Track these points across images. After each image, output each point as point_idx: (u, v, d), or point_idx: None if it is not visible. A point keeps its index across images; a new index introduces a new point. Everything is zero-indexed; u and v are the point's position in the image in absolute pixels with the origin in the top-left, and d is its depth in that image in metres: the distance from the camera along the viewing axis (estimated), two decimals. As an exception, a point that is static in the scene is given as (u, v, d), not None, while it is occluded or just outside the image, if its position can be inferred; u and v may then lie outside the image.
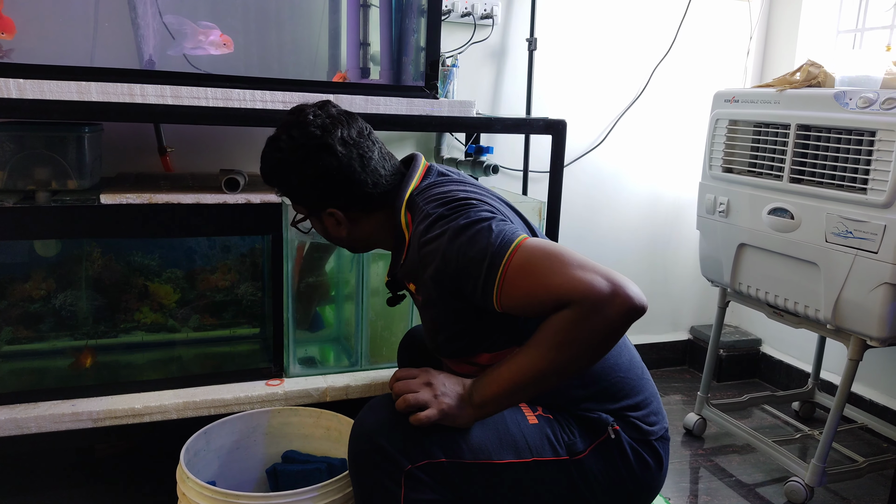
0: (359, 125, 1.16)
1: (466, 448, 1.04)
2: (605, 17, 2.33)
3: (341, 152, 1.11)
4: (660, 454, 1.16)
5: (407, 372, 1.10)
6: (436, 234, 1.05)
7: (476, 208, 1.06)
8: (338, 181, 1.13)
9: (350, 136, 1.13)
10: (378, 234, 1.21)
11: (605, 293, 0.92)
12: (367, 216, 1.19)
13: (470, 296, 1.03)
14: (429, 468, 1.02)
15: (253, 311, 1.69)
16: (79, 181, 1.47)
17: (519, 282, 0.97)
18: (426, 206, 1.10)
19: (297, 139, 1.11)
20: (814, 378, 2.23)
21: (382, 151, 1.18)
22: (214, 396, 1.52)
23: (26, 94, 1.34)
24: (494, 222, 1.02)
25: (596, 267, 0.95)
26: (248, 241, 1.65)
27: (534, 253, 0.98)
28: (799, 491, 1.75)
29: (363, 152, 1.14)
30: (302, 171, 1.13)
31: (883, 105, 1.51)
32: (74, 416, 1.43)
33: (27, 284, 1.51)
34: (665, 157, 2.51)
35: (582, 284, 0.93)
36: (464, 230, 1.02)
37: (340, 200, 1.16)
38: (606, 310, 0.92)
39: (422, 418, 1.02)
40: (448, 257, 1.02)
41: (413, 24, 1.74)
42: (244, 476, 1.46)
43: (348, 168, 1.12)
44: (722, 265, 1.95)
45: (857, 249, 1.56)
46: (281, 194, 1.21)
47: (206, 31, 1.58)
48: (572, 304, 0.93)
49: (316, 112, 1.14)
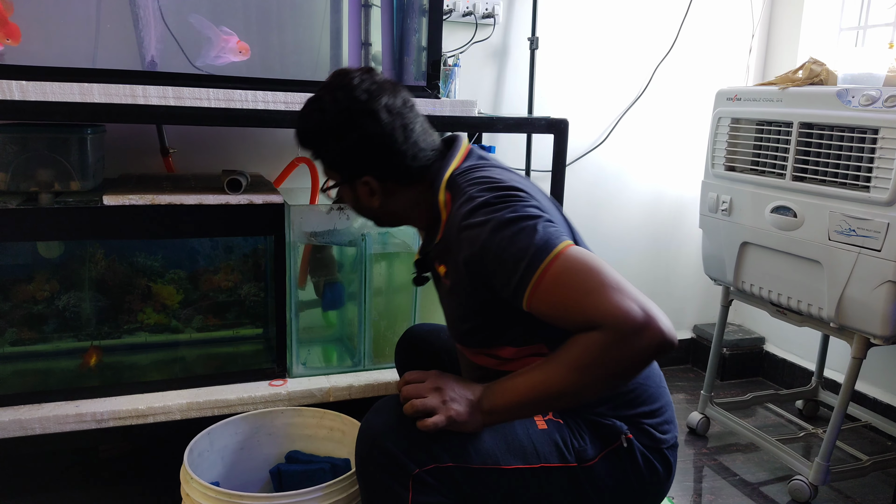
0: (403, 95, 1.12)
1: (474, 453, 1.03)
2: (606, 16, 2.32)
3: (385, 120, 1.07)
4: (670, 462, 1.15)
5: (416, 375, 1.08)
6: (479, 220, 1.01)
7: (523, 202, 1.02)
8: (378, 149, 1.09)
9: (394, 104, 1.09)
10: (411, 209, 1.17)
11: (639, 323, 0.90)
12: (402, 189, 1.14)
13: (500, 290, 1.01)
14: (436, 472, 1.01)
15: (256, 312, 1.69)
16: (81, 182, 1.47)
17: (553, 290, 0.95)
18: (469, 189, 1.07)
19: (341, 102, 1.08)
20: (817, 376, 2.22)
21: (424, 125, 1.15)
22: (218, 397, 1.52)
23: (29, 95, 1.35)
24: (541, 222, 0.99)
25: (633, 293, 0.93)
26: (250, 241, 1.65)
27: (573, 264, 0.95)
28: (803, 489, 1.74)
29: (406, 122, 1.10)
30: (343, 136, 1.09)
31: (886, 103, 1.51)
32: (78, 417, 1.43)
33: (31, 286, 1.51)
34: (667, 156, 2.50)
35: (617, 310, 0.90)
36: (508, 224, 0.99)
37: (378, 169, 1.12)
38: (636, 340, 0.90)
39: (429, 424, 1.01)
40: (487, 248, 0.99)
41: (414, 24, 1.74)
42: (248, 476, 1.46)
43: (390, 137, 1.08)
44: (725, 264, 1.95)
45: (860, 247, 1.56)
46: (315, 157, 1.16)
47: (227, 38, 1.58)
48: (603, 328, 0.91)
49: (362, 76, 1.10)
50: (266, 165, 1.95)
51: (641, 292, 0.94)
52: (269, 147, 1.96)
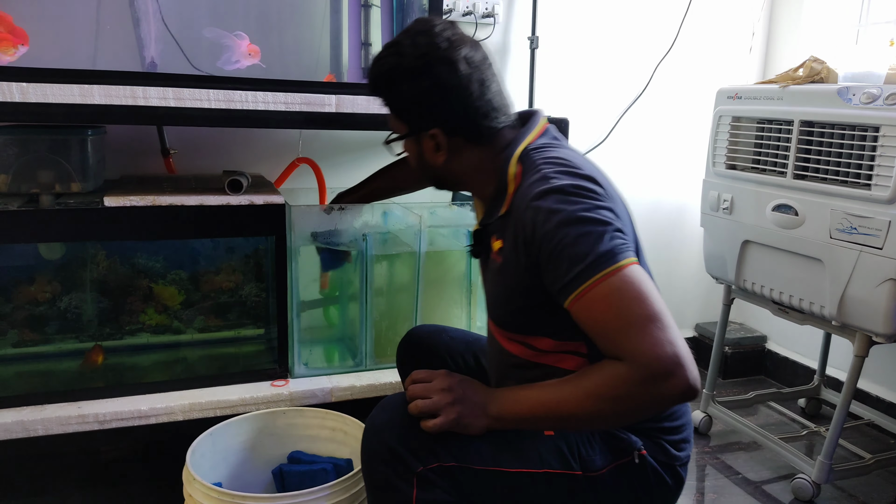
0: (483, 52, 1.09)
1: (476, 454, 1.03)
2: (606, 15, 2.32)
3: (463, 70, 1.04)
4: (681, 477, 1.14)
5: (425, 374, 1.07)
6: (548, 207, 0.97)
7: (598, 201, 0.98)
8: (452, 100, 1.06)
9: (474, 57, 1.06)
10: (474, 173, 1.13)
11: (667, 369, 0.88)
12: (468, 149, 1.11)
13: (547, 283, 0.99)
14: (439, 470, 1.01)
15: (257, 312, 1.69)
16: (82, 184, 1.47)
17: (598, 306, 0.93)
18: (545, 168, 1.03)
19: (420, 46, 1.04)
20: (820, 375, 2.22)
21: (500, 88, 1.11)
22: (220, 398, 1.52)
23: (29, 97, 1.35)
24: (609, 230, 0.95)
25: (671, 333, 0.90)
26: (251, 242, 1.66)
27: (625, 287, 0.92)
28: (806, 488, 1.74)
29: (483, 78, 1.07)
30: (418, 81, 1.05)
31: (886, 101, 1.51)
32: (81, 418, 1.43)
33: (32, 287, 1.52)
34: (668, 155, 2.50)
35: (650, 351, 0.89)
36: (577, 223, 0.95)
37: (448, 122, 1.08)
38: (660, 385, 0.89)
39: (430, 426, 1.01)
40: (548, 238, 0.96)
41: (414, 24, 1.74)
42: (250, 477, 1.46)
43: (465, 89, 1.05)
44: (726, 262, 1.95)
45: (861, 245, 1.56)
46: (384, 104, 1.12)
47: (239, 44, 1.58)
48: (632, 364, 0.90)
49: (445, 25, 1.07)
50: (267, 166, 1.95)
51: (677, 329, 0.92)
52: (269, 148, 1.96)
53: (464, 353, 1.39)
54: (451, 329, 1.45)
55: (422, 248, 1.71)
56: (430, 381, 1.06)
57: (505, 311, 1.12)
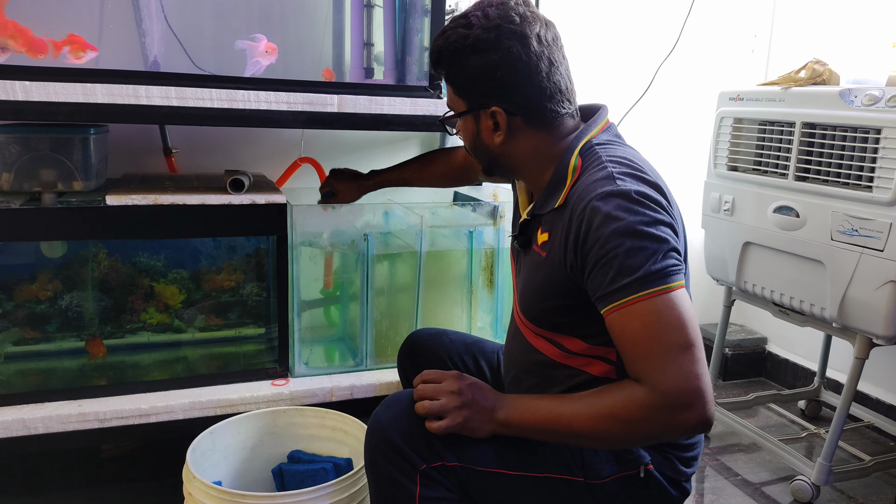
0: (555, 32, 1.05)
1: (479, 456, 1.03)
2: (608, 16, 2.32)
3: (534, 48, 1.00)
4: (686, 490, 1.13)
5: (436, 374, 1.06)
6: (608, 211, 0.93)
7: (661, 213, 0.95)
8: (520, 77, 1.01)
9: (546, 36, 1.02)
10: (531, 160, 1.09)
11: (686, 400, 0.88)
12: (528, 132, 1.06)
13: (589, 286, 0.97)
14: (443, 470, 1.01)
15: (258, 312, 1.70)
16: (84, 183, 1.47)
17: (635, 323, 0.91)
18: (611, 166, 0.99)
19: (492, 18, 1.00)
20: (820, 377, 2.22)
21: (569, 72, 1.07)
22: (220, 396, 1.53)
23: (32, 96, 1.35)
24: (666, 249, 0.93)
25: (699, 366, 0.89)
26: (253, 241, 1.66)
27: (669, 312, 0.90)
28: (805, 490, 1.74)
29: (553, 59, 1.03)
30: (487, 54, 1.00)
31: (888, 103, 1.51)
32: (81, 416, 1.43)
33: (34, 285, 1.52)
34: (670, 156, 2.50)
35: (674, 381, 0.88)
36: (636, 236, 0.92)
37: (511, 100, 1.04)
38: (676, 415, 0.89)
39: (435, 428, 1.00)
40: (601, 243, 0.93)
41: (417, 24, 1.74)
42: (250, 476, 1.46)
43: (535, 68, 1.01)
44: (727, 264, 1.95)
45: (862, 247, 1.56)
46: (445, 78, 1.08)
47: (255, 46, 1.58)
48: (653, 390, 0.90)
49: (518, 0, 1.03)
50: (268, 165, 1.95)
51: (706, 363, 0.91)
52: (271, 147, 1.96)
53: (463, 355, 1.39)
54: (450, 332, 1.45)
55: (423, 248, 1.72)
56: (440, 381, 1.05)
57: (539, 306, 1.09)
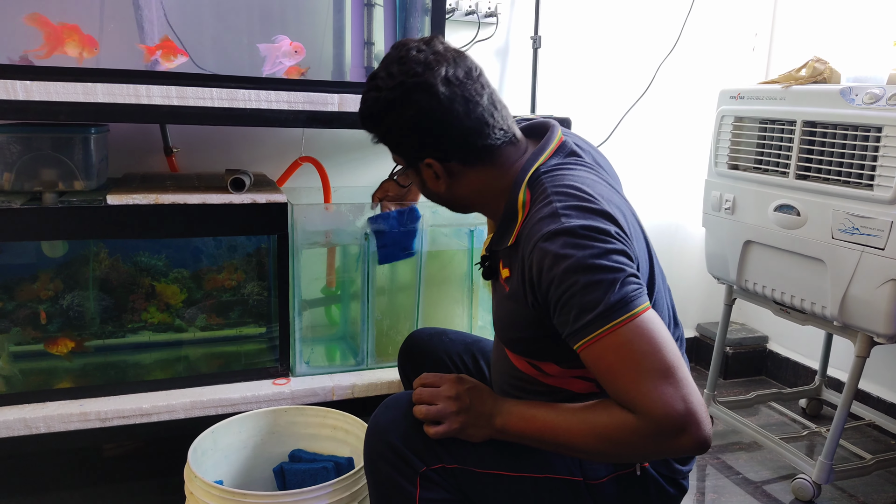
0: (468, 64, 1.02)
1: (478, 458, 1.03)
2: (609, 14, 2.32)
3: (443, 93, 0.98)
4: (684, 487, 1.14)
5: (434, 378, 1.06)
6: (556, 251, 0.91)
7: (611, 243, 0.92)
8: (436, 125, 1.00)
9: (455, 75, 0.99)
10: (482, 195, 1.08)
11: (678, 425, 0.86)
12: (469, 171, 1.05)
13: (556, 325, 0.95)
14: (443, 472, 1.01)
15: (259, 311, 1.70)
16: (85, 182, 1.47)
17: (608, 356, 0.90)
18: (556, 200, 0.97)
19: (396, 76, 0.99)
20: (821, 375, 2.22)
21: (494, 98, 1.03)
22: (221, 396, 1.53)
23: (33, 95, 1.35)
24: (622, 278, 0.90)
25: (684, 385, 0.87)
26: (253, 240, 1.66)
27: (641, 336, 0.89)
28: (806, 488, 1.74)
29: (469, 95, 1.00)
30: (399, 113, 1.00)
31: (889, 101, 1.51)
32: (83, 415, 1.43)
33: (35, 285, 1.52)
34: (670, 155, 2.50)
35: (661, 407, 0.86)
36: (587, 271, 0.90)
37: (439, 149, 1.02)
38: (671, 440, 0.87)
39: (433, 433, 1.00)
40: (556, 284, 0.92)
41: (417, 23, 1.74)
42: (251, 475, 1.47)
43: (449, 112, 0.99)
44: (728, 262, 1.95)
45: (863, 246, 1.56)
46: (377, 140, 1.08)
47: (277, 46, 1.58)
48: (641, 416, 0.87)
49: (420, 47, 1.01)
50: (269, 165, 1.95)
51: (692, 381, 0.89)
52: (272, 146, 1.96)
53: (463, 355, 1.39)
54: (450, 331, 1.45)
55: (423, 247, 1.72)
56: (438, 385, 1.05)
57: (510, 336, 1.10)
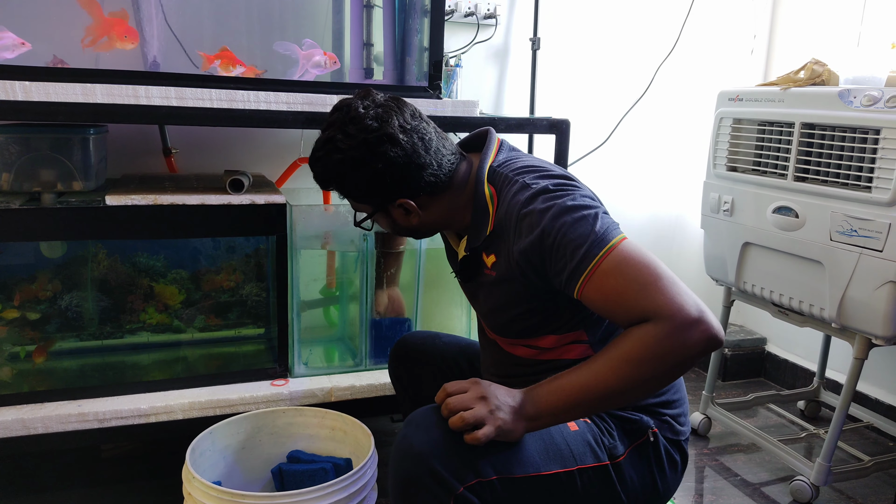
0: (409, 108, 1.11)
1: (516, 462, 1.00)
2: (608, 17, 2.32)
3: (403, 140, 1.06)
4: (686, 454, 1.17)
5: (457, 386, 1.02)
6: (540, 207, 1.02)
7: (580, 191, 1.05)
8: (405, 170, 1.08)
9: (406, 121, 1.08)
10: (451, 214, 1.16)
11: (693, 317, 0.91)
12: (436, 200, 1.13)
13: (554, 276, 1.02)
14: (478, 487, 0.97)
15: (258, 312, 1.70)
16: (84, 183, 1.47)
17: (610, 279, 0.96)
18: (520, 177, 1.08)
19: (355, 136, 1.05)
20: (819, 377, 2.22)
21: (437, 130, 1.14)
22: (220, 397, 1.53)
23: (32, 96, 1.35)
24: (600, 212, 1.01)
25: (687, 290, 0.94)
26: (252, 241, 1.66)
27: (632, 255, 0.97)
28: (804, 490, 1.74)
29: (423, 134, 1.09)
30: (368, 167, 1.06)
31: (887, 103, 1.51)
32: (81, 416, 1.43)
33: (33, 285, 1.52)
34: (669, 156, 2.50)
35: (673, 303, 0.92)
36: (570, 211, 1.00)
37: (410, 189, 1.10)
38: (689, 333, 0.91)
39: (480, 437, 0.96)
40: (547, 232, 1.00)
41: (416, 25, 1.74)
42: (250, 476, 1.47)
43: (415, 153, 1.07)
44: (726, 264, 1.95)
45: (861, 248, 1.56)
46: (342, 196, 1.15)
47: (308, 54, 1.59)
48: (658, 319, 0.92)
49: (365, 103, 1.08)
50: (268, 165, 1.95)
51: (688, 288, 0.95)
52: (271, 147, 1.96)
53: (457, 358, 1.38)
54: (443, 335, 1.44)
55: (422, 247, 1.72)
56: (465, 391, 1.01)
57: (505, 320, 1.14)
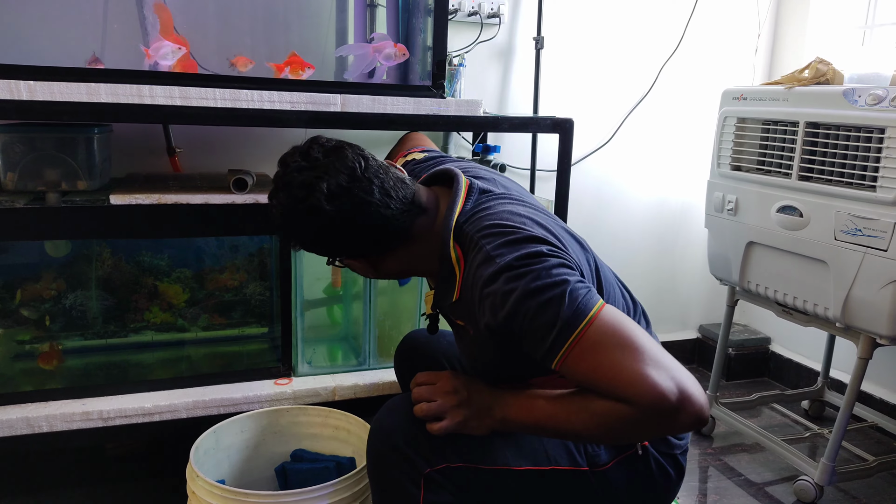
0: (349, 165, 1.01)
1: (483, 454, 1.03)
2: (612, 16, 2.32)
3: (330, 211, 0.98)
4: (682, 466, 1.15)
5: (428, 376, 1.06)
6: (503, 289, 0.93)
7: (546, 260, 0.94)
8: (334, 239, 1.03)
9: (339, 184, 0.99)
10: (412, 266, 1.11)
11: (672, 404, 0.85)
12: (388, 255, 1.08)
13: (529, 352, 0.96)
14: (447, 472, 1.01)
15: (261, 311, 1.70)
16: (88, 182, 1.48)
17: (584, 361, 0.90)
18: (485, 243, 0.98)
19: (285, 205, 1.01)
20: (823, 376, 2.22)
21: (386, 184, 1.02)
22: (224, 395, 1.53)
23: (37, 95, 1.35)
24: (569, 288, 0.91)
25: (668, 365, 0.87)
26: (256, 240, 1.66)
27: (606, 333, 0.89)
28: (809, 490, 1.74)
29: (358, 199, 0.99)
30: (300, 234, 1.04)
31: (892, 102, 1.50)
32: (85, 415, 1.44)
33: (38, 284, 1.52)
34: (673, 156, 2.50)
35: (651, 390, 0.85)
36: (534, 294, 0.91)
37: (347, 253, 1.07)
38: (667, 421, 0.87)
39: (436, 429, 1.01)
40: (512, 317, 0.93)
41: (420, 24, 1.74)
42: (253, 475, 1.47)
43: (342, 223, 1.00)
44: (731, 263, 1.95)
45: (866, 247, 1.56)
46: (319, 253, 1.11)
47: (379, 46, 1.59)
48: (635, 405, 0.86)
49: (301, 165, 1.01)
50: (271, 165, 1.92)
51: (672, 358, 0.89)
52: (274, 147, 1.97)
53: (460, 357, 1.39)
54: (447, 333, 1.44)
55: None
56: (434, 382, 1.05)
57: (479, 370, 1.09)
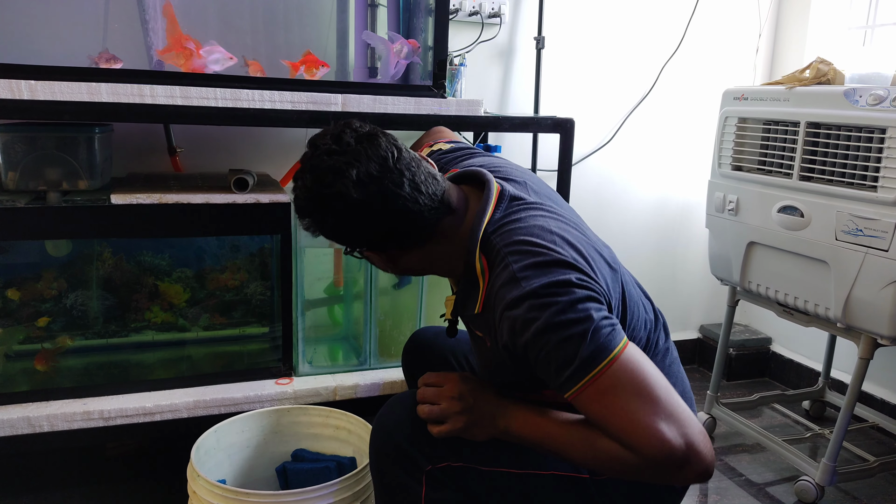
0: (381, 154, 0.97)
1: (485, 455, 1.03)
2: (613, 16, 2.32)
3: (357, 198, 0.94)
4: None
5: (436, 378, 1.06)
6: (524, 316, 0.90)
7: (574, 292, 0.90)
8: (357, 228, 0.99)
9: (369, 171, 0.95)
10: (434, 266, 1.08)
11: (678, 461, 0.84)
12: (409, 252, 1.05)
13: (544, 379, 0.94)
14: (448, 470, 1.02)
15: (262, 311, 1.70)
16: (89, 181, 1.48)
17: (597, 402, 0.88)
18: (511, 260, 0.95)
19: (310, 188, 0.96)
20: (824, 377, 2.22)
21: (417, 178, 0.98)
22: (224, 395, 1.53)
23: (38, 95, 1.35)
24: (593, 325, 0.88)
25: (681, 417, 0.86)
26: (257, 240, 1.66)
27: (623, 378, 0.87)
28: (809, 490, 1.74)
29: (387, 190, 0.96)
30: (322, 220, 0.99)
31: (893, 102, 1.50)
32: (86, 414, 1.44)
33: (39, 284, 1.52)
34: (674, 156, 2.50)
35: (659, 445, 0.84)
36: (557, 328, 0.88)
37: (368, 244, 1.03)
38: (670, 475, 0.87)
39: (436, 432, 1.01)
40: (530, 347, 0.91)
41: (421, 24, 1.74)
42: (254, 474, 1.47)
43: (367, 213, 0.96)
44: (731, 264, 1.95)
45: (867, 247, 1.56)
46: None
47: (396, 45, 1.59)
48: (640, 456, 0.85)
49: (331, 148, 0.96)
50: (272, 164, 1.95)
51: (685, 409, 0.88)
52: (275, 146, 1.97)
53: (468, 355, 1.40)
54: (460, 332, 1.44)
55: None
56: (441, 384, 1.05)
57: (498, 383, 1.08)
